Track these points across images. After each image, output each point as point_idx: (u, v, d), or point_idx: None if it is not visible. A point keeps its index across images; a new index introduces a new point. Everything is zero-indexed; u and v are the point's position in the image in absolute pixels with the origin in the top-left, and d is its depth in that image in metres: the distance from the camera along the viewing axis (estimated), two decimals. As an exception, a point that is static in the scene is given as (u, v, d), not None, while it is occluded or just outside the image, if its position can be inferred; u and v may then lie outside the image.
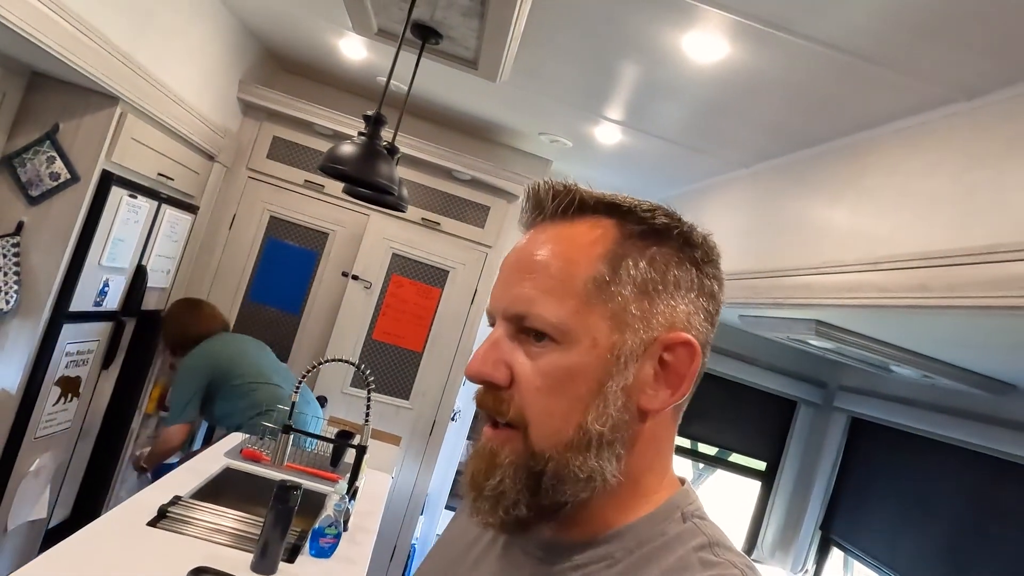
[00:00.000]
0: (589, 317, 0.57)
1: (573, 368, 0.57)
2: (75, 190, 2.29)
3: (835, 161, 2.23)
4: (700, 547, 0.57)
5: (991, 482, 2.60)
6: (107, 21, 2.08)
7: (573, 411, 0.57)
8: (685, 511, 0.60)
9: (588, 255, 0.58)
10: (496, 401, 0.59)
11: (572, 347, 0.57)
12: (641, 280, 0.58)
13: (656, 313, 0.58)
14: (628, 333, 0.58)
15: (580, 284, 0.57)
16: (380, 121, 1.87)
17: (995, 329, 1.65)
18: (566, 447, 0.56)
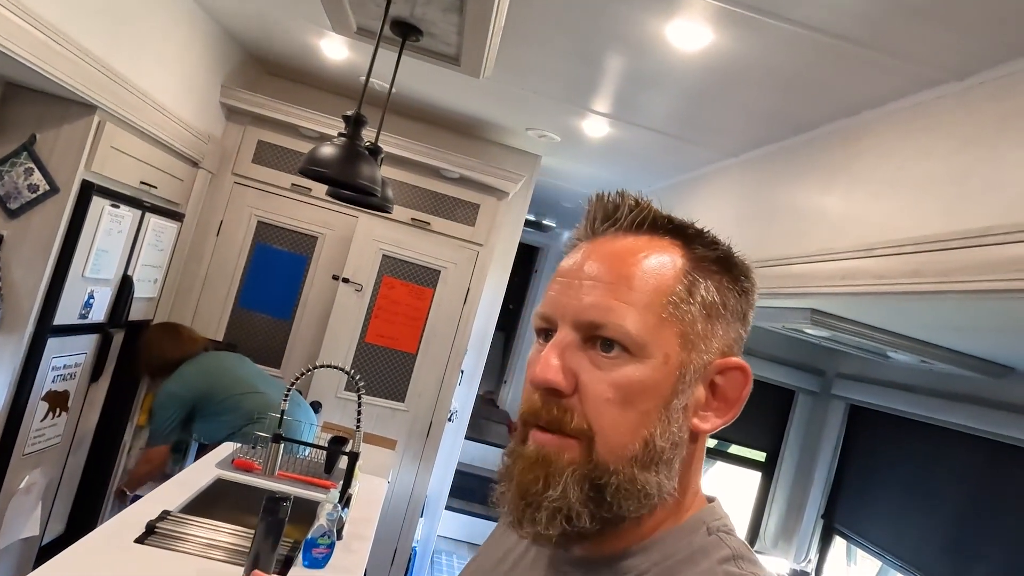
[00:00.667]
0: (664, 333, 0.58)
1: (646, 382, 0.57)
2: (55, 201, 2.25)
3: (826, 147, 2.21)
4: (724, 560, 0.58)
5: (992, 465, 2.58)
6: (82, 29, 2.04)
7: (641, 425, 0.57)
8: (711, 525, 0.61)
9: (668, 273, 0.59)
10: (560, 410, 0.58)
11: (646, 361, 0.57)
12: (709, 303, 0.60)
13: (714, 337, 0.60)
14: (694, 353, 0.59)
15: (661, 300, 0.58)
16: (360, 121, 1.83)
17: (991, 312, 1.63)
18: (631, 461, 0.56)
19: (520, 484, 0.58)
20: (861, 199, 1.94)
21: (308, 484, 2.28)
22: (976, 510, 2.60)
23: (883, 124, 1.95)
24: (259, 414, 2.50)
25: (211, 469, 2.19)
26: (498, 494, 0.61)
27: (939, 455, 2.84)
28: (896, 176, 1.81)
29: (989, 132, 1.54)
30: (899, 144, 1.85)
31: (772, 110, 2.25)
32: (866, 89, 1.90)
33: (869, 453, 3.27)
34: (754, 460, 3.79)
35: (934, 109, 1.75)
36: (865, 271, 1.76)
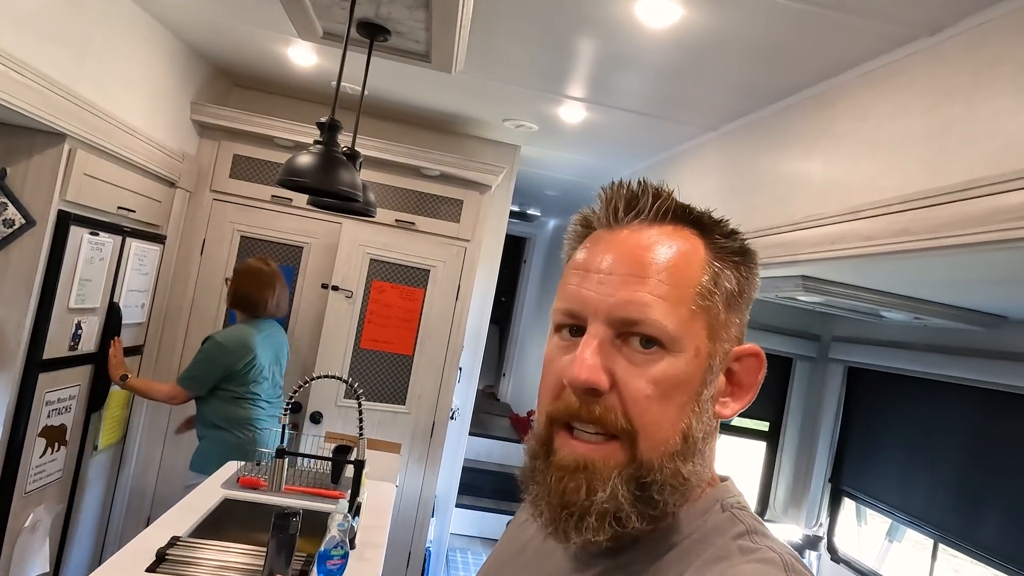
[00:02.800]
0: (695, 325, 0.58)
1: (681, 376, 0.57)
2: (32, 235, 2.21)
3: (803, 113, 2.20)
4: (738, 535, 0.58)
5: (992, 414, 2.61)
6: (42, 56, 2.00)
7: (679, 419, 0.57)
8: (725, 503, 0.62)
9: (696, 265, 0.60)
10: (603, 410, 0.57)
11: (680, 355, 0.57)
12: (730, 293, 0.61)
13: (732, 326, 0.62)
14: (718, 343, 0.60)
15: (691, 292, 0.58)
16: (335, 127, 1.81)
17: (981, 264, 1.63)
18: (673, 456, 0.57)
19: (561, 493, 0.57)
20: (843, 162, 1.94)
21: (316, 496, 2.27)
22: (980, 460, 2.62)
23: (858, 86, 1.94)
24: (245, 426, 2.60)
25: (217, 490, 2.17)
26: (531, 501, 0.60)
27: (939, 409, 2.87)
28: (875, 136, 1.81)
29: (964, 85, 1.54)
30: (876, 104, 1.85)
31: (747, 81, 2.24)
32: (838, 52, 1.89)
33: (871, 413, 3.30)
34: (758, 430, 3.81)
35: (908, 66, 1.75)
36: (854, 233, 1.76)
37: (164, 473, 3.11)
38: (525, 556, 0.71)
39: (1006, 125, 1.40)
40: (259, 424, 2.65)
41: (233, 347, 2.60)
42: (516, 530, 0.77)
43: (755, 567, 0.54)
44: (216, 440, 2.60)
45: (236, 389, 2.62)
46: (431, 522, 3.48)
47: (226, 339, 2.64)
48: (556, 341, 0.62)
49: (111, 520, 3.02)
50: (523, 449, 0.64)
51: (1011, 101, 1.40)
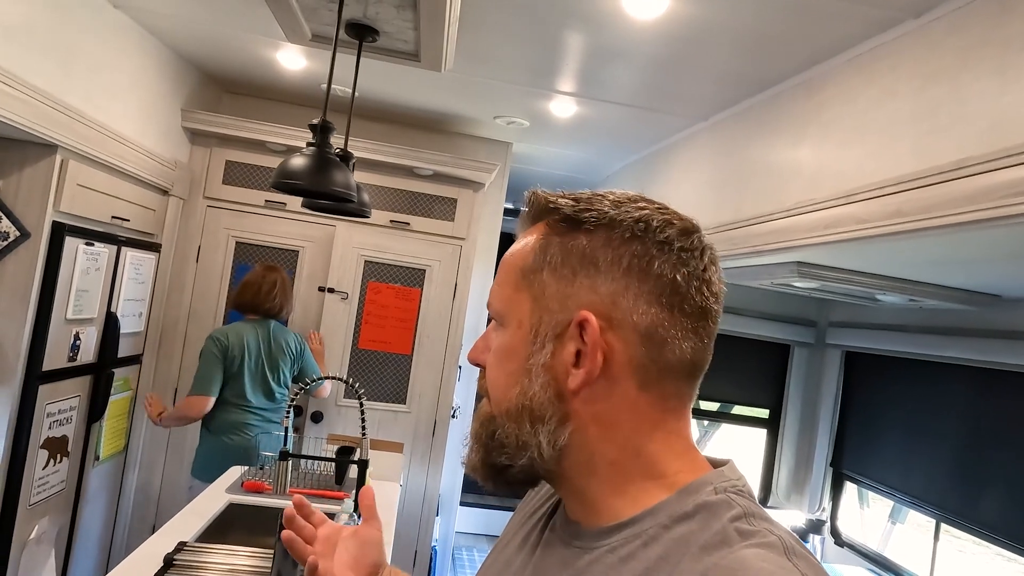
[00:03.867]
0: (517, 302, 0.64)
1: (506, 346, 0.65)
2: (27, 247, 2.21)
3: (792, 100, 2.21)
4: (735, 518, 0.57)
5: (989, 393, 2.63)
6: (29, 67, 2.00)
7: (510, 385, 0.63)
8: (718, 486, 0.60)
9: (526, 249, 0.66)
10: (481, 379, 0.69)
11: (507, 328, 0.65)
12: (557, 264, 0.62)
13: (573, 295, 0.61)
14: (544, 314, 0.62)
15: (513, 274, 0.65)
16: (327, 128, 1.81)
17: (973, 243, 1.65)
18: (506, 415, 0.64)
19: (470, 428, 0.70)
20: (834, 147, 1.95)
21: (321, 498, 2.27)
22: (978, 439, 2.64)
23: (846, 71, 1.95)
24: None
25: (222, 495, 2.17)
26: None
27: (937, 390, 2.88)
28: (864, 121, 1.82)
29: (950, 66, 1.55)
30: (864, 89, 1.86)
31: (735, 70, 2.25)
32: (825, 38, 1.90)
33: (869, 397, 3.32)
34: (758, 418, 3.83)
35: (894, 49, 1.76)
36: (847, 217, 1.77)
37: (168, 480, 3.12)
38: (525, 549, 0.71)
39: (992, 104, 1.41)
40: (250, 430, 2.65)
41: (223, 336, 2.64)
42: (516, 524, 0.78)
43: (756, 551, 0.53)
44: (207, 445, 2.63)
45: (224, 393, 2.63)
46: (436, 521, 3.49)
47: (218, 331, 2.69)
48: None
49: (116, 529, 3.02)
50: None
51: (996, 81, 1.41)
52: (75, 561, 2.70)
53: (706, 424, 4.92)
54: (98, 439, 2.73)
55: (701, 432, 4.99)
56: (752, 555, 0.53)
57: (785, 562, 0.52)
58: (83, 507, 2.68)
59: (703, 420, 4.71)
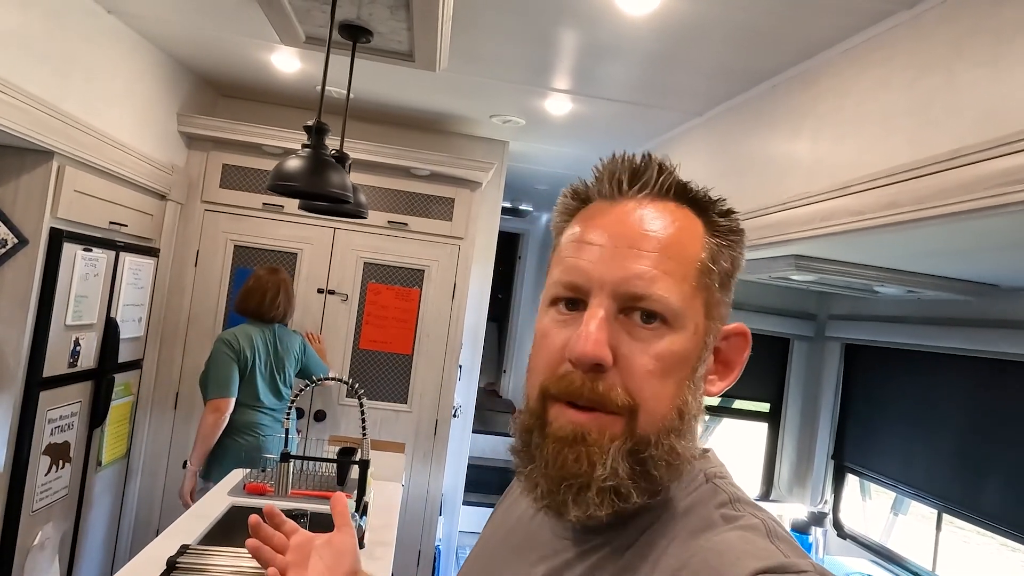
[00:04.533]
0: (695, 302, 0.59)
1: (682, 353, 0.57)
2: (26, 253, 2.22)
3: (787, 93, 2.22)
4: (721, 504, 0.59)
5: (989, 383, 2.63)
6: (25, 74, 2.00)
7: (677, 396, 0.58)
8: (707, 473, 0.62)
9: (697, 242, 0.60)
10: (606, 387, 0.56)
11: (681, 331, 0.57)
12: (725, 272, 0.62)
13: (723, 304, 0.62)
14: (712, 321, 0.61)
15: (693, 269, 0.59)
16: (322, 130, 1.82)
17: (969, 233, 1.65)
18: (669, 432, 0.57)
19: (559, 466, 0.56)
20: (829, 140, 1.96)
21: (323, 499, 2.27)
22: (979, 428, 2.64)
23: (840, 63, 1.96)
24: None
25: (224, 498, 2.18)
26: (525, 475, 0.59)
27: (937, 381, 2.88)
28: (859, 112, 1.83)
29: (944, 56, 1.55)
30: (858, 81, 1.86)
31: (730, 64, 2.25)
32: (819, 30, 1.90)
33: (869, 389, 3.32)
34: (759, 412, 3.83)
35: (888, 40, 1.76)
36: (843, 209, 1.77)
37: (171, 484, 3.12)
38: (514, 539, 0.71)
39: (986, 93, 1.41)
40: (262, 430, 2.66)
41: (234, 339, 2.65)
42: (503, 514, 0.77)
43: (739, 534, 0.55)
44: (221, 447, 2.62)
45: (238, 395, 2.64)
46: (439, 521, 3.49)
47: (227, 334, 2.69)
48: (552, 315, 0.60)
49: (120, 534, 3.03)
50: (512, 425, 0.62)
51: (989, 70, 1.41)
52: (79, 566, 2.70)
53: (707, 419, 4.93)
54: (100, 444, 2.73)
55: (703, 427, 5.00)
56: (736, 537, 0.55)
57: (767, 544, 0.54)
58: (86, 512, 2.69)
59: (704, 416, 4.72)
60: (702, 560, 0.53)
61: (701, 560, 0.53)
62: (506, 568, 0.68)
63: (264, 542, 0.80)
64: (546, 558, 0.64)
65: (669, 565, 0.55)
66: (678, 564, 0.54)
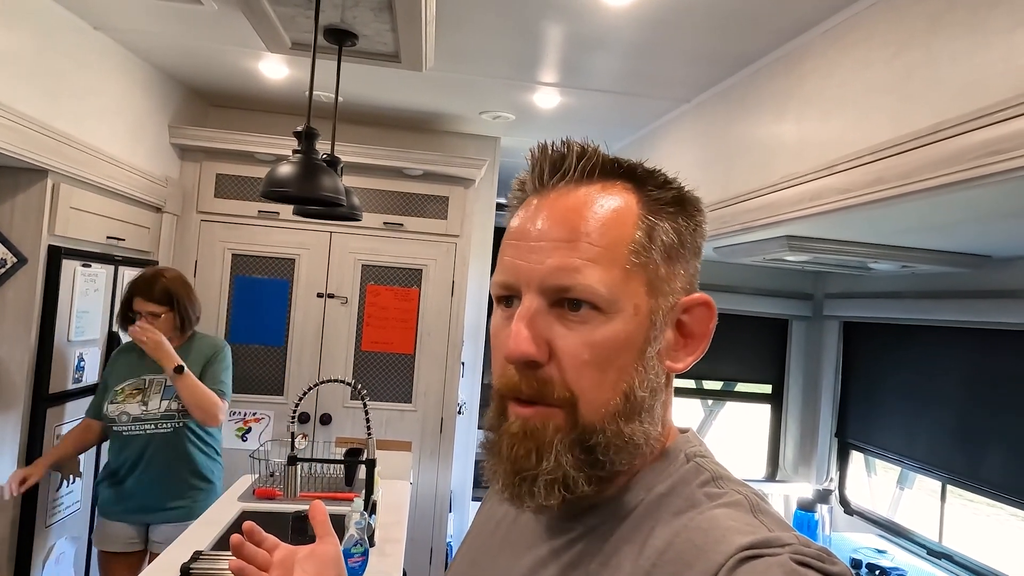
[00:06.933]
0: (631, 284, 0.57)
1: (620, 338, 0.56)
2: (25, 272, 2.24)
3: (772, 76, 2.23)
4: (704, 483, 0.59)
5: (986, 353, 2.65)
6: (17, 95, 2.02)
7: (620, 380, 0.57)
8: (688, 452, 0.62)
9: (627, 221, 0.58)
10: (540, 382, 0.56)
11: (617, 316, 0.56)
12: (668, 246, 0.59)
13: (677, 278, 0.60)
14: (660, 298, 0.59)
15: (623, 251, 0.57)
16: (312, 135, 1.84)
17: (956, 205, 1.67)
18: (616, 416, 0.56)
19: (512, 460, 0.57)
20: (814, 120, 1.97)
21: (332, 500, 2.30)
22: (979, 399, 2.66)
23: (821, 44, 1.97)
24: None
25: (234, 503, 2.20)
26: (488, 470, 0.60)
27: (935, 354, 2.91)
28: (842, 92, 1.84)
29: (921, 31, 1.57)
30: (840, 60, 1.87)
31: (713, 49, 2.27)
32: (798, 12, 1.92)
33: (869, 365, 3.34)
34: (761, 394, 3.85)
35: (866, 20, 1.78)
36: (830, 188, 1.79)
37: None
38: (500, 531, 0.71)
39: (964, 66, 1.43)
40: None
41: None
42: (490, 508, 0.78)
43: (723, 511, 0.55)
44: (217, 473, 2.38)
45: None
46: (449, 517, 3.52)
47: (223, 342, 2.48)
48: (499, 313, 0.61)
49: (133, 546, 3.05)
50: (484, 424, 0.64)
51: (966, 43, 1.43)
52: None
53: (711, 403, 4.94)
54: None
55: (706, 412, 5.01)
56: (720, 514, 0.55)
57: (751, 519, 0.54)
58: (99, 525, 2.71)
59: (707, 399, 4.73)
60: (687, 539, 0.53)
61: (686, 539, 0.54)
62: (495, 558, 0.69)
63: (248, 561, 0.78)
64: (533, 547, 0.64)
65: (655, 546, 0.55)
66: (663, 545, 0.54)
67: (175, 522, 2.20)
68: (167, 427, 2.25)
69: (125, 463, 2.24)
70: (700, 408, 4.91)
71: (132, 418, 2.23)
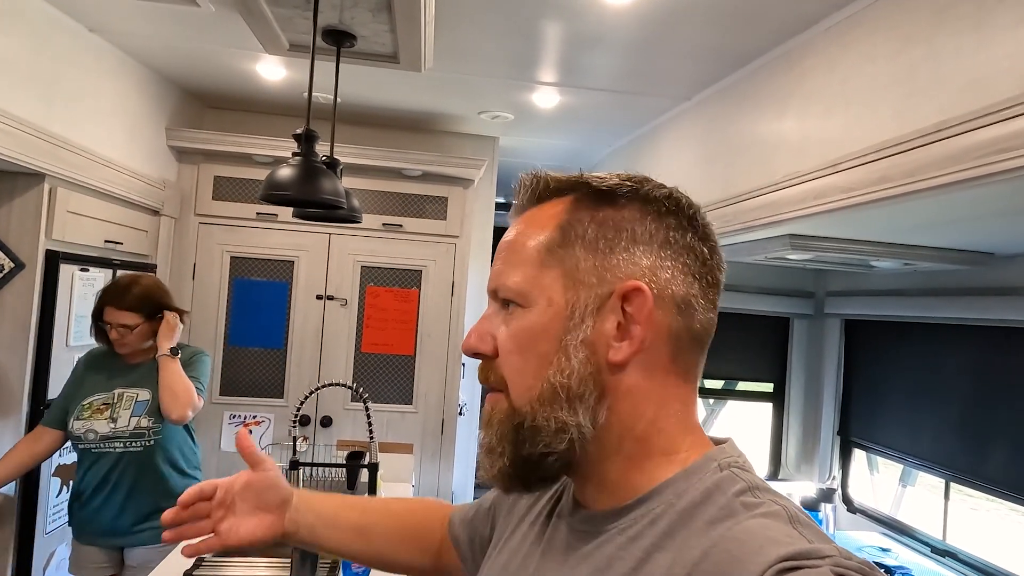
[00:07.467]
0: (543, 280, 0.62)
1: (534, 327, 0.62)
2: (23, 277, 2.22)
3: (773, 73, 2.22)
4: (740, 492, 0.58)
5: (988, 350, 2.64)
6: (12, 99, 2.01)
7: (540, 368, 0.61)
8: (722, 462, 0.61)
9: (543, 226, 0.64)
10: (485, 370, 0.66)
11: (531, 308, 0.62)
12: (591, 238, 0.62)
13: (611, 268, 0.62)
14: (581, 289, 0.62)
15: (533, 252, 0.63)
16: (311, 137, 1.82)
17: (960, 203, 1.65)
18: (538, 401, 0.61)
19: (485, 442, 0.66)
20: (817, 118, 1.96)
21: (334, 504, 2.28)
22: (981, 396, 2.65)
23: (823, 40, 1.96)
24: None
25: (235, 508, 2.18)
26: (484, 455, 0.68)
27: (938, 351, 2.90)
28: (845, 89, 1.83)
29: (926, 27, 1.55)
30: (842, 57, 1.86)
31: (715, 46, 2.26)
32: (801, 7, 1.91)
33: (871, 363, 3.33)
34: (763, 392, 3.84)
35: (870, 15, 1.76)
36: (834, 187, 1.78)
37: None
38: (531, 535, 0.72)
39: (969, 62, 1.42)
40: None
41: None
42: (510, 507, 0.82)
43: (761, 521, 0.54)
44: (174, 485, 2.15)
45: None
46: (451, 518, 3.51)
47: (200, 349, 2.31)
48: None
49: (134, 551, 3.04)
50: None
51: (972, 38, 1.42)
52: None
53: (712, 402, 4.94)
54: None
55: (708, 410, 5.00)
56: (757, 525, 0.54)
57: (791, 530, 0.53)
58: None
59: (709, 398, 4.72)
60: (724, 550, 0.53)
61: (723, 550, 0.53)
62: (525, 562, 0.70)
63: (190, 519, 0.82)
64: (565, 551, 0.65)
65: (691, 557, 0.54)
66: (699, 555, 0.54)
67: (150, 544, 2.05)
68: (137, 446, 2.05)
69: (92, 483, 2.06)
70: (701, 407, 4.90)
71: (100, 436, 2.03)
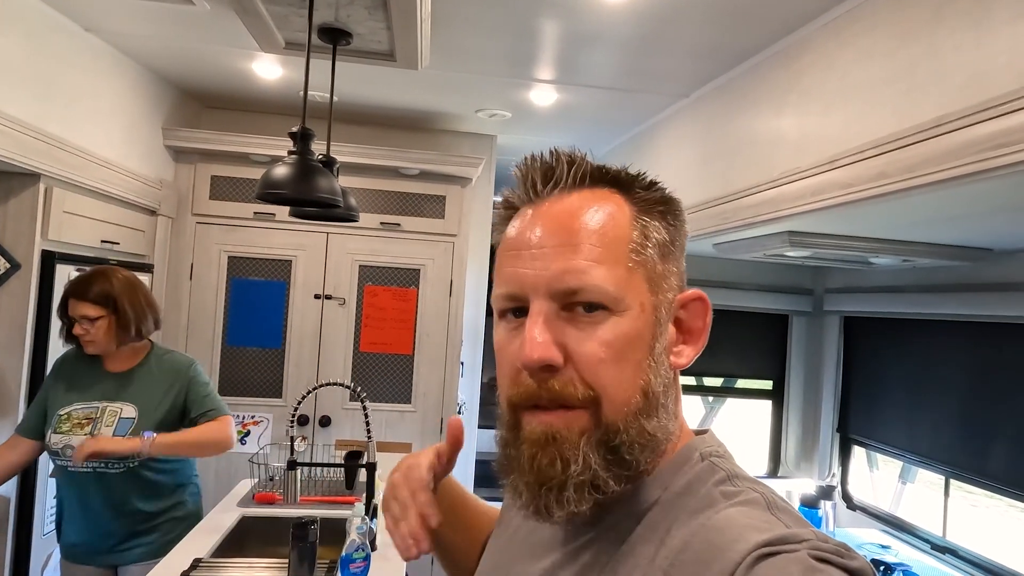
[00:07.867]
0: (634, 282, 0.59)
1: (631, 334, 0.57)
2: (19, 278, 2.21)
3: (771, 69, 2.21)
4: (719, 482, 0.59)
5: (987, 346, 2.64)
6: (8, 99, 2.00)
7: (637, 377, 0.58)
8: (703, 452, 0.62)
9: (621, 222, 0.60)
10: (561, 385, 0.56)
11: (625, 313, 0.58)
12: (662, 244, 0.62)
13: (671, 275, 0.62)
14: (660, 295, 0.61)
15: (624, 251, 0.59)
16: (307, 135, 1.81)
17: (959, 199, 1.65)
18: (637, 414, 0.57)
19: (536, 471, 0.56)
20: (815, 114, 1.95)
21: (332, 504, 2.28)
22: (980, 392, 2.65)
23: (821, 36, 1.95)
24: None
25: (234, 509, 2.18)
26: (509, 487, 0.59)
27: (936, 348, 2.89)
28: (844, 85, 1.82)
29: (925, 23, 1.55)
30: (841, 53, 1.85)
31: (713, 43, 2.25)
32: (799, 4, 1.90)
33: (870, 360, 3.33)
34: (762, 390, 3.84)
35: (868, 11, 1.76)
36: (832, 183, 1.77)
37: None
38: (518, 537, 0.71)
39: (968, 58, 1.41)
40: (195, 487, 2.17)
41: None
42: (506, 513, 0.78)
43: (740, 509, 0.55)
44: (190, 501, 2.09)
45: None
46: (450, 517, 3.50)
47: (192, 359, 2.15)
48: (503, 327, 0.62)
49: (133, 552, 3.03)
50: (495, 440, 0.63)
51: (971, 34, 1.41)
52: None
53: (711, 400, 4.93)
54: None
55: (707, 408, 5.00)
56: (736, 512, 0.55)
57: (769, 516, 0.54)
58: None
59: (708, 396, 4.72)
60: (704, 539, 0.53)
61: (703, 539, 0.54)
62: (513, 562, 0.69)
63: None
64: (551, 550, 0.64)
65: (672, 546, 0.55)
66: (681, 544, 0.55)
67: (145, 561, 1.90)
68: (119, 467, 1.88)
69: (71, 501, 1.93)
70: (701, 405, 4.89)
71: None
